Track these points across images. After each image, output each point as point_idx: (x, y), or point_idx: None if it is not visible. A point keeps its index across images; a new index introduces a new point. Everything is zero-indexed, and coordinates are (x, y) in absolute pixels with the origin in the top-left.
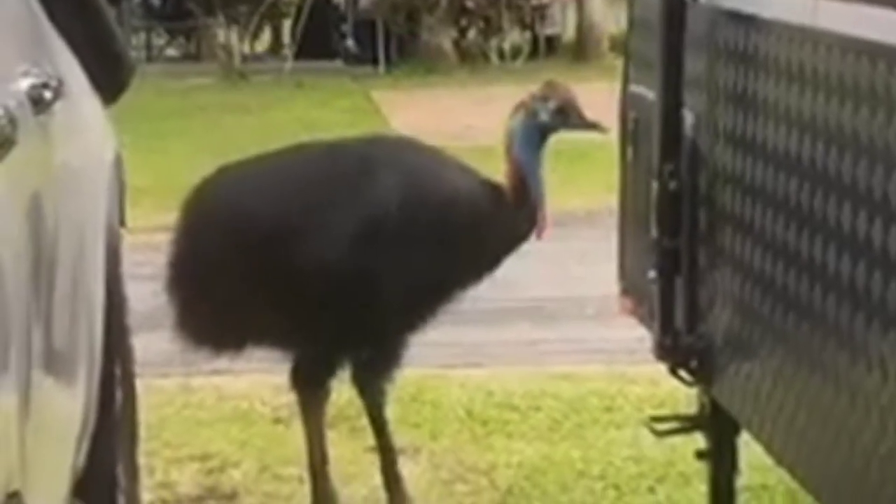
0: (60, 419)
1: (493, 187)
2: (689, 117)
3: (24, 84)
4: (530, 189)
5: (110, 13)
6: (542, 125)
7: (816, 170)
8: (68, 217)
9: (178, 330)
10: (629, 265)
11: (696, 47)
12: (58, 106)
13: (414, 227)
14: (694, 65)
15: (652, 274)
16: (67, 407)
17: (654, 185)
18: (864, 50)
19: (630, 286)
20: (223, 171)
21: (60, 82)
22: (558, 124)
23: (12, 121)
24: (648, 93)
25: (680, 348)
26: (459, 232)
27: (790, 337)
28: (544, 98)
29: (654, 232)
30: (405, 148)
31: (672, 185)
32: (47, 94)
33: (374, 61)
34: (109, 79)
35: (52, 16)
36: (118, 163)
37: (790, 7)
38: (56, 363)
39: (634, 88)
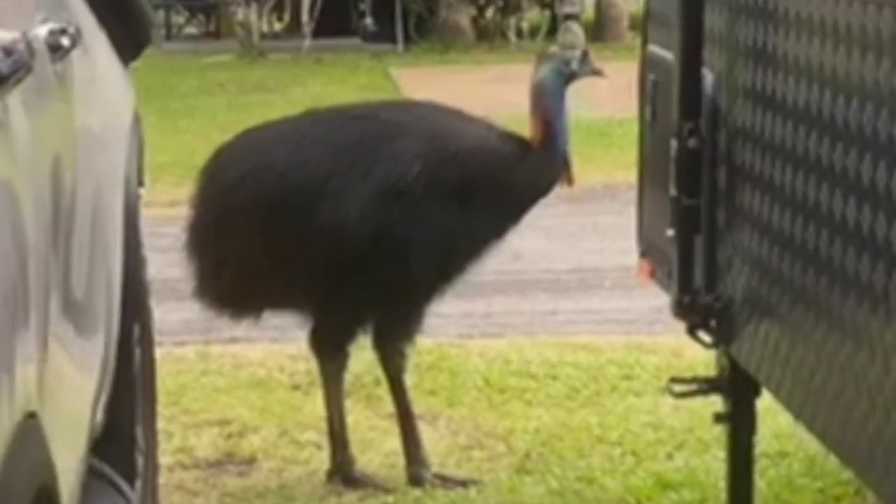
0: (78, 367)
1: (518, 139)
2: (708, 76)
3: (42, 30)
4: (557, 137)
5: None
6: (570, 73)
7: (837, 125)
8: (87, 170)
9: (198, 294)
10: (648, 227)
11: (716, 5)
12: (76, 55)
13: (438, 184)
14: (713, 23)
15: (671, 233)
16: (86, 357)
17: (674, 144)
18: (886, 2)
19: (649, 248)
20: (244, 135)
21: (78, 30)
22: (584, 72)
23: (30, 46)
24: (668, 54)
25: (699, 307)
26: (485, 185)
27: (809, 294)
28: (572, 46)
29: (673, 191)
30: (427, 109)
31: (692, 143)
32: (65, 41)
33: (393, 39)
34: (130, 37)
35: None
36: (137, 121)
37: None
38: (74, 314)
39: (654, 50)
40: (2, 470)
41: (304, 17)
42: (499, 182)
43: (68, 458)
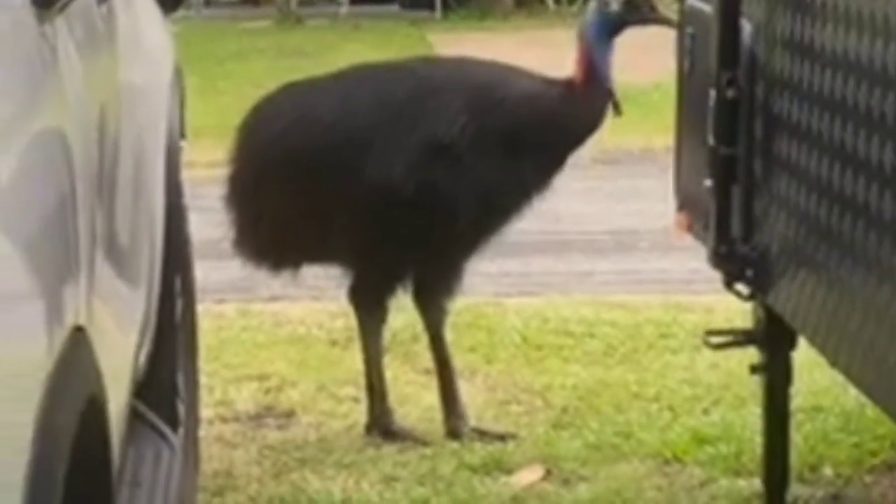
0: (123, 305)
1: (561, 81)
2: (746, 26)
3: None
4: (600, 73)
5: None
6: (614, 16)
7: (876, 72)
8: (130, 118)
9: (237, 245)
10: (686, 180)
11: None
12: (118, 3)
13: (485, 135)
14: None
15: (708, 182)
16: (130, 297)
17: (712, 94)
18: None
19: (686, 201)
20: (285, 88)
21: None
22: (630, 17)
23: None
24: (706, 6)
25: (736, 257)
26: (532, 128)
27: (846, 241)
28: None
29: (711, 141)
30: (469, 63)
31: (730, 93)
32: None
33: (431, 6)
34: None
35: None
36: (178, 73)
37: None
38: (119, 255)
39: (691, 2)
40: (54, 375)
41: None
42: (546, 123)
43: (115, 383)
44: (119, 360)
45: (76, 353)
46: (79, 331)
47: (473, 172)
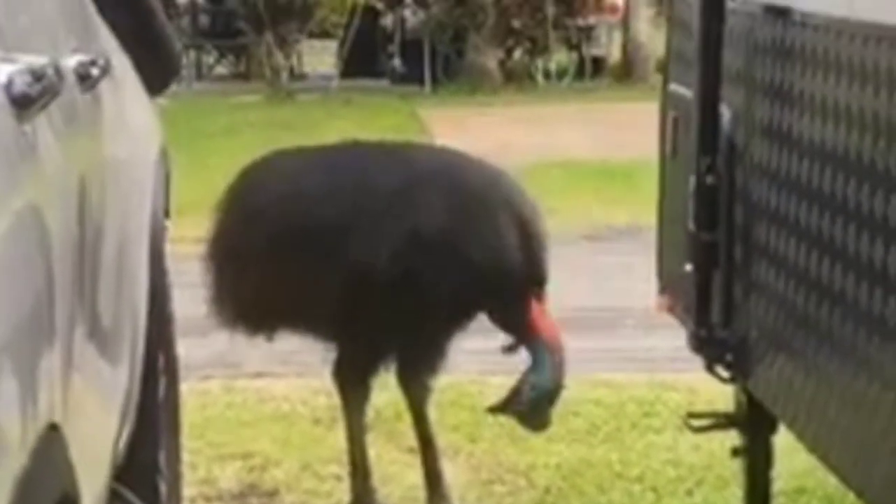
0: (102, 390)
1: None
2: (726, 113)
3: (73, 60)
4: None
5: (159, 5)
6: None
7: (853, 163)
8: (114, 200)
9: (214, 305)
10: (667, 262)
11: (734, 43)
12: (105, 87)
13: (462, 228)
14: (731, 60)
15: (689, 267)
16: (110, 381)
17: (692, 180)
18: None
19: (668, 283)
20: (273, 155)
21: (108, 62)
22: None
23: (58, 72)
24: (687, 91)
25: (715, 342)
26: (505, 227)
27: (824, 329)
28: None
29: (691, 226)
30: (450, 154)
31: (709, 179)
32: (94, 71)
33: (421, 81)
34: (157, 69)
35: (101, 7)
36: (164, 153)
37: None
38: (100, 339)
39: (674, 87)
40: (24, 477)
41: (333, 58)
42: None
43: (91, 476)
44: (97, 449)
45: (49, 451)
46: (53, 428)
47: (457, 257)
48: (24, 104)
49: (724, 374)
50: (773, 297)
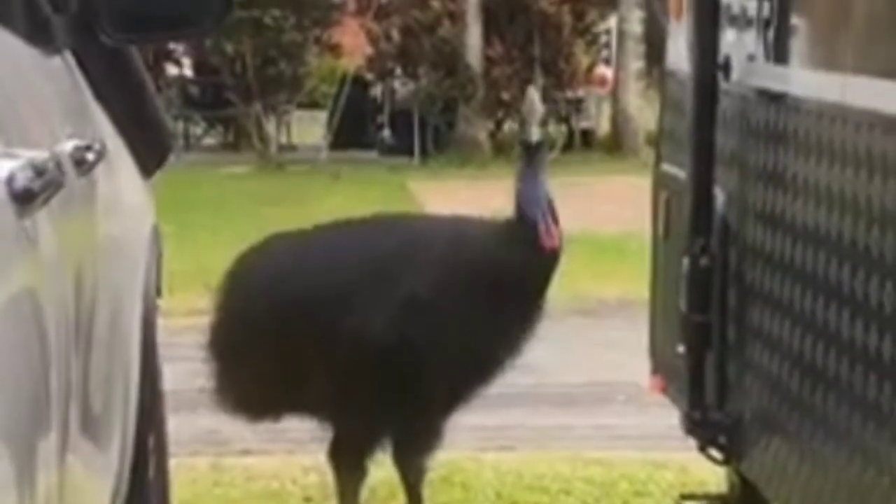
0: (94, 476)
1: (499, 222)
2: (720, 194)
3: (69, 145)
4: (526, 205)
5: (152, 87)
6: (530, 144)
7: (846, 247)
8: (107, 282)
9: (217, 395)
10: (660, 343)
11: (727, 125)
12: (99, 170)
13: (456, 294)
14: (725, 142)
15: (682, 349)
16: (101, 466)
17: (685, 261)
18: (893, 125)
19: (661, 364)
20: (269, 240)
21: (103, 146)
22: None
23: (59, 165)
24: (680, 172)
25: (709, 424)
26: (492, 279)
27: (819, 414)
28: (531, 111)
29: (684, 308)
30: (432, 222)
31: (703, 260)
32: (90, 157)
33: (410, 152)
34: (150, 150)
35: (96, 88)
36: (156, 233)
37: (819, 84)
38: (93, 421)
39: (666, 168)
40: None
41: (323, 129)
42: (492, 263)
43: None
44: None
45: None
46: None
47: (450, 328)
48: (25, 199)
49: (718, 455)
50: (766, 380)
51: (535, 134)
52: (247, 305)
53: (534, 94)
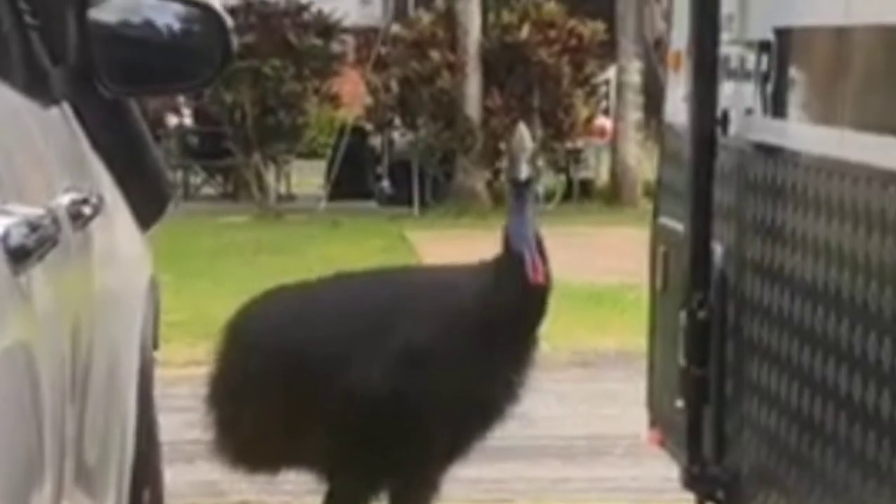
0: None
1: (487, 263)
2: (718, 248)
3: (65, 199)
4: (514, 248)
5: (150, 138)
6: (517, 180)
7: (845, 302)
8: (104, 335)
9: (216, 447)
10: (658, 396)
11: (725, 179)
12: (96, 223)
13: (450, 344)
14: (722, 196)
15: (680, 403)
16: None
17: (683, 315)
18: (891, 180)
19: (659, 417)
20: (266, 295)
21: (100, 199)
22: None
23: (55, 221)
24: (678, 225)
25: (707, 478)
26: (484, 331)
27: (818, 469)
28: (521, 148)
29: (682, 361)
30: (428, 273)
31: (701, 314)
32: (87, 210)
33: (409, 202)
34: (148, 204)
35: (95, 141)
36: (153, 285)
37: (817, 138)
38: (87, 481)
39: (664, 221)
40: None
41: (321, 179)
42: (490, 310)
43: None
44: None
45: None
46: None
47: (446, 377)
48: (20, 256)
49: None
50: (765, 435)
51: (523, 171)
52: (246, 357)
53: (523, 130)
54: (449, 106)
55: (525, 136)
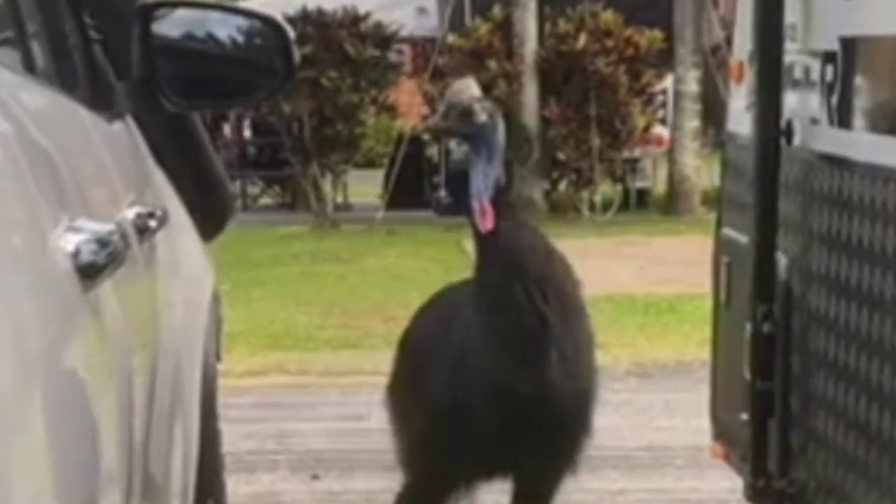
0: None
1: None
2: (782, 260)
3: (131, 213)
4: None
5: (214, 153)
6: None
7: None
8: (168, 349)
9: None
10: (722, 409)
11: (790, 190)
12: (160, 236)
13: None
14: (788, 208)
15: (744, 416)
16: None
17: (748, 327)
18: None
19: (722, 430)
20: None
21: (165, 212)
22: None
23: (124, 237)
24: (741, 236)
25: (772, 492)
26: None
27: (886, 482)
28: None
29: (747, 374)
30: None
31: (766, 327)
32: (152, 224)
33: (466, 212)
34: (210, 216)
35: (158, 154)
36: (216, 298)
37: (882, 149)
38: (154, 494)
39: (727, 232)
40: None
41: (379, 188)
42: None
43: None
44: None
45: None
46: None
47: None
48: (90, 274)
49: None
50: (831, 448)
51: (478, 113)
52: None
53: (468, 81)
54: (505, 115)
55: (469, 84)
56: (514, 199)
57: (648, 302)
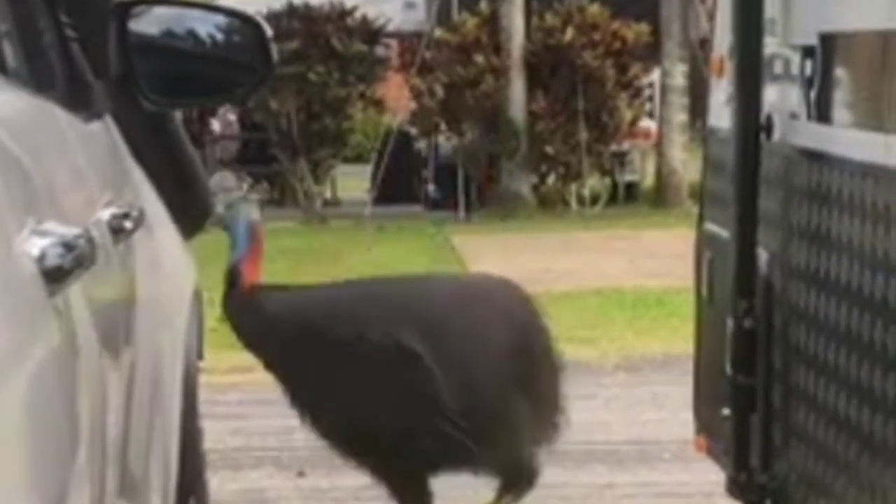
0: None
1: None
2: (763, 255)
3: (106, 213)
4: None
5: (193, 151)
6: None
7: (892, 308)
8: (148, 347)
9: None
10: (704, 404)
11: (770, 185)
12: (138, 236)
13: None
14: (768, 203)
15: (726, 411)
16: None
17: (729, 322)
18: None
19: (705, 425)
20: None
21: (141, 212)
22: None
23: (91, 241)
24: (723, 231)
25: (754, 487)
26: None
27: (866, 477)
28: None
29: (728, 369)
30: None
31: (747, 322)
32: (127, 224)
33: (454, 206)
34: (190, 214)
35: (137, 151)
36: (197, 296)
37: (862, 144)
38: (132, 491)
39: (709, 227)
40: None
41: (367, 184)
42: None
43: None
44: None
45: None
46: None
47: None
48: (56, 277)
49: None
50: (812, 443)
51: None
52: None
53: (225, 175)
54: (493, 110)
55: (225, 177)
56: (502, 194)
57: (637, 295)
